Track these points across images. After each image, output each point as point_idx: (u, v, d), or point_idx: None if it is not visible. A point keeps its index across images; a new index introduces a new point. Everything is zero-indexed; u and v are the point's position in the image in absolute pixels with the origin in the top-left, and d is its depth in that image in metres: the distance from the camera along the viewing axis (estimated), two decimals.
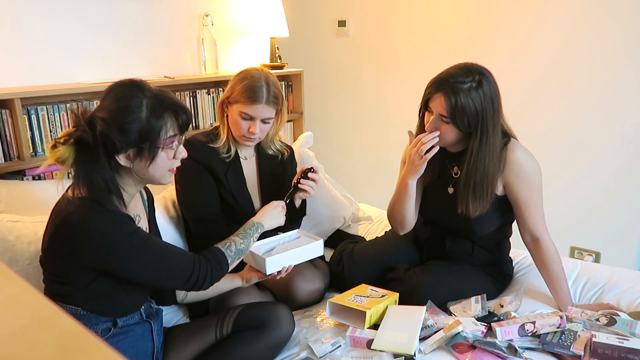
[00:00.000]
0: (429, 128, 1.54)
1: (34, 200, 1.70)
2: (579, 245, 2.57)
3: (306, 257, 1.58)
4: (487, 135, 1.50)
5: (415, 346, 1.37)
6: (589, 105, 2.41)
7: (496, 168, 1.55)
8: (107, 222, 1.14)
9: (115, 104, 1.16)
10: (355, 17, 3.09)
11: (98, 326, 1.23)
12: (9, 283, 0.50)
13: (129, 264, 1.17)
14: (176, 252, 1.25)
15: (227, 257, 1.33)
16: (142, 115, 1.16)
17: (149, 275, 1.20)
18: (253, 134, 1.66)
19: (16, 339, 0.41)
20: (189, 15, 2.56)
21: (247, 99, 1.63)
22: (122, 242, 1.15)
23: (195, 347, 1.41)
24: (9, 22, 1.94)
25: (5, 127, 1.82)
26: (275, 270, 1.50)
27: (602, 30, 2.31)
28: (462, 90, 1.45)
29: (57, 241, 1.17)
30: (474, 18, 2.65)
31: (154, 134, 1.18)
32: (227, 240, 1.37)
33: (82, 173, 1.15)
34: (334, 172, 2.71)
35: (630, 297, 1.65)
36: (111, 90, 1.20)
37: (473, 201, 1.56)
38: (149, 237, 1.22)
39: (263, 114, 1.65)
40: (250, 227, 1.45)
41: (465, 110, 1.46)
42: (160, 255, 1.21)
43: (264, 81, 1.64)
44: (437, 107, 1.51)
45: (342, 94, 3.26)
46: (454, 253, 1.72)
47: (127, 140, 1.15)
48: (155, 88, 1.22)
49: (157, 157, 1.20)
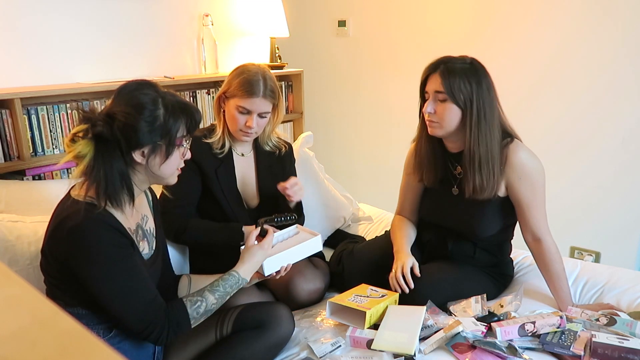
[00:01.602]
0: (426, 109, 1.55)
1: (34, 200, 1.70)
2: (579, 245, 2.57)
3: (305, 254, 1.55)
4: (485, 114, 1.51)
5: (415, 346, 1.37)
6: (589, 106, 2.40)
7: (497, 154, 1.54)
8: (100, 234, 1.13)
9: (132, 101, 1.17)
10: (355, 17, 3.09)
11: (99, 326, 1.23)
12: (9, 283, 0.50)
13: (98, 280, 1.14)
14: (144, 300, 1.19)
15: (190, 320, 1.24)
16: (160, 113, 1.18)
17: (110, 304, 1.17)
18: (250, 128, 1.67)
19: (16, 339, 0.41)
20: (189, 15, 2.56)
21: (244, 93, 1.64)
22: (103, 260, 1.14)
23: (195, 347, 1.41)
24: (9, 22, 1.94)
25: (5, 127, 1.82)
26: (274, 271, 1.47)
27: (602, 30, 2.31)
28: (456, 67, 1.51)
29: (54, 241, 1.18)
30: (474, 18, 2.65)
31: (171, 132, 1.20)
32: (200, 298, 1.27)
33: (98, 168, 1.14)
34: (334, 172, 2.71)
35: (630, 297, 1.65)
36: (124, 88, 1.20)
37: (479, 179, 1.54)
38: (132, 270, 1.18)
39: (260, 107, 1.66)
40: (232, 282, 1.34)
41: (460, 85, 1.49)
42: (128, 292, 1.17)
43: (261, 75, 1.66)
44: (432, 86, 1.54)
45: (342, 94, 3.26)
46: (455, 255, 1.72)
47: (146, 136, 1.16)
48: (162, 88, 1.24)
49: (172, 155, 1.22)
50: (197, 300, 1.26)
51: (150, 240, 1.34)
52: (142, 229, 1.31)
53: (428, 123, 1.59)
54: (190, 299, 1.26)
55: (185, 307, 1.24)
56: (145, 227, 1.33)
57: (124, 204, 1.19)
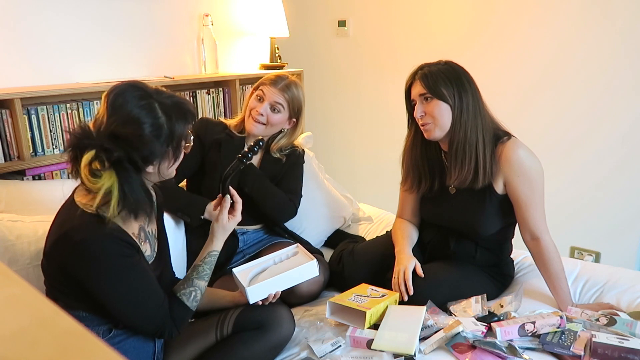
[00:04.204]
0: (417, 114, 1.61)
1: (34, 200, 1.70)
2: (579, 245, 2.57)
3: (297, 280, 1.47)
4: (468, 105, 1.56)
5: (415, 346, 1.37)
6: (588, 105, 2.40)
7: (482, 144, 1.57)
8: (106, 249, 1.13)
9: (131, 116, 1.13)
10: (355, 17, 3.09)
11: (99, 327, 1.23)
12: (9, 283, 0.50)
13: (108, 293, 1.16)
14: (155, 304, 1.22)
15: (191, 310, 1.30)
16: (162, 122, 1.17)
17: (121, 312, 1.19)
18: (258, 114, 1.78)
19: (16, 339, 0.41)
20: (189, 15, 2.56)
21: (267, 80, 1.83)
22: (111, 272, 1.14)
23: (196, 348, 1.40)
24: (9, 22, 1.94)
25: (5, 127, 1.82)
26: (259, 299, 1.41)
27: (600, 32, 2.31)
28: (432, 69, 1.59)
29: (58, 251, 1.17)
30: (474, 18, 2.65)
31: (176, 136, 1.20)
32: (192, 287, 1.30)
33: (126, 193, 1.12)
34: (334, 172, 2.71)
35: (630, 297, 1.65)
36: (115, 99, 1.15)
37: (460, 166, 1.58)
38: (141, 277, 1.19)
39: (274, 97, 1.79)
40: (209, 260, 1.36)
41: (441, 82, 1.56)
42: (138, 300, 1.19)
43: (289, 79, 1.85)
44: (416, 91, 1.61)
45: (342, 94, 3.26)
46: (457, 254, 1.73)
47: (157, 149, 1.17)
48: (152, 87, 1.22)
49: (180, 156, 1.25)
50: (191, 291, 1.30)
51: (152, 243, 1.34)
52: (145, 230, 1.31)
53: (423, 128, 1.61)
54: (184, 292, 1.30)
55: (182, 302, 1.28)
56: (148, 228, 1.33)
57: (145, 212, 1.20)
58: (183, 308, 1.28)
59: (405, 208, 1.86)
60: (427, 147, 1.71)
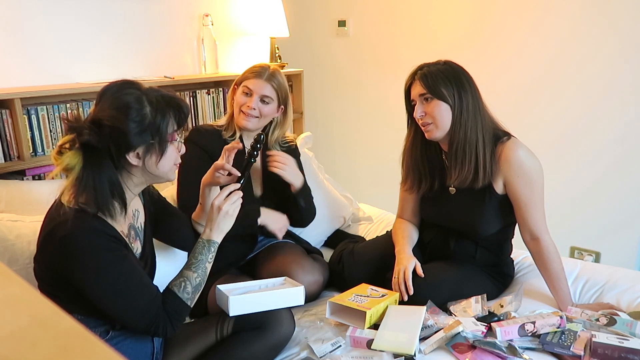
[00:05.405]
0: (417, 115, 1.60)
1: (34, 200, 1.70)
2: (579, 245, 2.57)
3: (281, 303, 1.42)
4: (468, 104, 1.56)
5: (415, 346, 1.37)
6: (587, 106, 2.41)
7: (482, 143, 1.57)
8: (92, 242, 1.12)
9: (116, 103, 1.15)
10: (355, 17, 3.09)
11: (96, 329, 1.22)
12: (9, 283, 0.50)
13: (96, 288, 1.14)
14: (146, 299, 1.19)
15: (186, 302, 1.25)
16: (147, 111, 1.16)
17: (111, 308, 1.17)
18: (250, 109, 1.75)
19: (16, 339, 0.41)
20: (189, 15, 2.56)
21: (251, 74, 1.80)
22: (97, 267, 1.13)
23: (195, 348, 1.40)
24: (9, 22, 1.94)
25: (5, 127, 1.82)
26: (240, 313, 1.36)
27: (599, 33, 2.31)
28: (432, 69, 1.59)
29: (45, 251, 1.17)
30: (474, 18, 2.65)
31: (161, 129, 1.18)
32: (182, 278, 1.26)
33: (87, 178, 1.12)
34: (334, 172, 2.71)
35: (630, 297, 1.65)
36: (106, 91, 1.18)
37: (460, 166, 1.59)
38: (129, 272, 1.17)
39: (262, 89, 1.76)
40: (201, 249, 1.30)
41: (440, 82, 1.56)
42: (128, 295, 1.16)
43: (271, 68, 1.82)
44: (415, 92, 1.61)
45: (342, 94, 3.26)
46: (458, 254, 1.73)
47: (137, 137, 1.15)
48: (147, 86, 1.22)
49: (166, 151, 1.21)
50: (181, 282, 1.26)
51: (141, 238, 1.33)
52: (134, 228, 1.30)
53: (424, 128, 1.62)
54: (175, 284, 1.26)
55: (175, 294, 1.24)
56: (137, 224, 1.32)
57: (116, 212, 1.17)
58: (176, 300, 1.23)
59: (405, 208, 1.86)
60: (427, 147, 1.71)
